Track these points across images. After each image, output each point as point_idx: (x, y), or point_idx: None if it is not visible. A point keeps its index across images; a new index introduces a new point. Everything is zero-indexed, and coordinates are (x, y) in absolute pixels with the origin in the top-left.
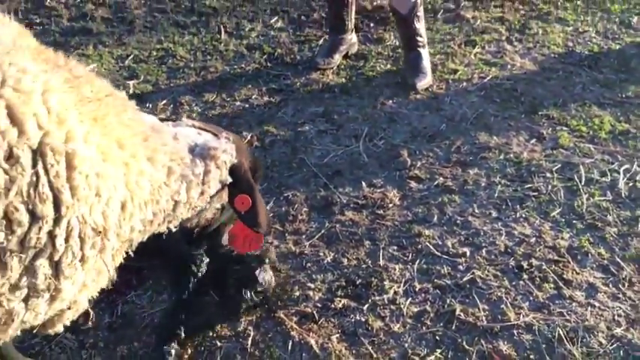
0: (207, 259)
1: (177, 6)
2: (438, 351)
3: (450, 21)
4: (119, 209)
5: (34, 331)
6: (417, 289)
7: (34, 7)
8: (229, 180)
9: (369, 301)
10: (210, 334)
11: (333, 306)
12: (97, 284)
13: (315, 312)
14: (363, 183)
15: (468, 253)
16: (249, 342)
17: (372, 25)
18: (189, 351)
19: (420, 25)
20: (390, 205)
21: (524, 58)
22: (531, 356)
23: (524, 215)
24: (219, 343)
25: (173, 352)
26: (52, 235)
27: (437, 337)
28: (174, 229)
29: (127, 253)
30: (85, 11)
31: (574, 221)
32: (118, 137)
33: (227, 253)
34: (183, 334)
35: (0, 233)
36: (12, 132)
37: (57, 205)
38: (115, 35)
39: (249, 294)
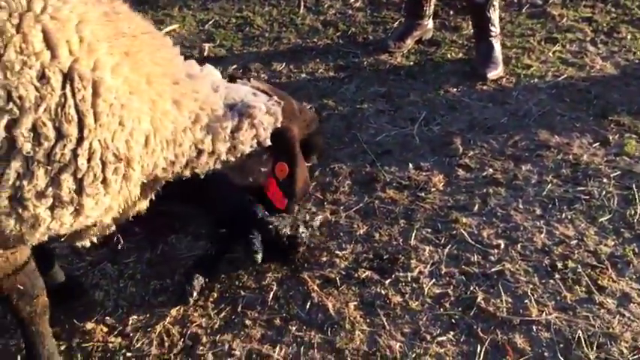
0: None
1: None
2: (452, 333)
3: (534, 16)
4: (143, 142)
5: (62, 240)
6: (442, 272)
7: None
8: (268, 142)
9: (393, 276)
10: (236, 283)
11: (356, 275)
12: (126, 210)
13: (338, 278)
14: (410, 165)
15: (502, 246)
16: (271, 296)
17: (451, 12)
18: (215, 295)
19: (495, 16)
20: (433, 190)
21: (605, 62)
22: (545, 353)
23: (569, 217)
24: (242, 292)
25: (195, 292)
26: (75, 154)
27: (453, 321)
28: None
29: (161, 192)
30: None
31: (622, 229)
32: (147, 73)
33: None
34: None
35: (27, 144)
36: (46, 54)
37: (81, 127)
38: (200, 0)
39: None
